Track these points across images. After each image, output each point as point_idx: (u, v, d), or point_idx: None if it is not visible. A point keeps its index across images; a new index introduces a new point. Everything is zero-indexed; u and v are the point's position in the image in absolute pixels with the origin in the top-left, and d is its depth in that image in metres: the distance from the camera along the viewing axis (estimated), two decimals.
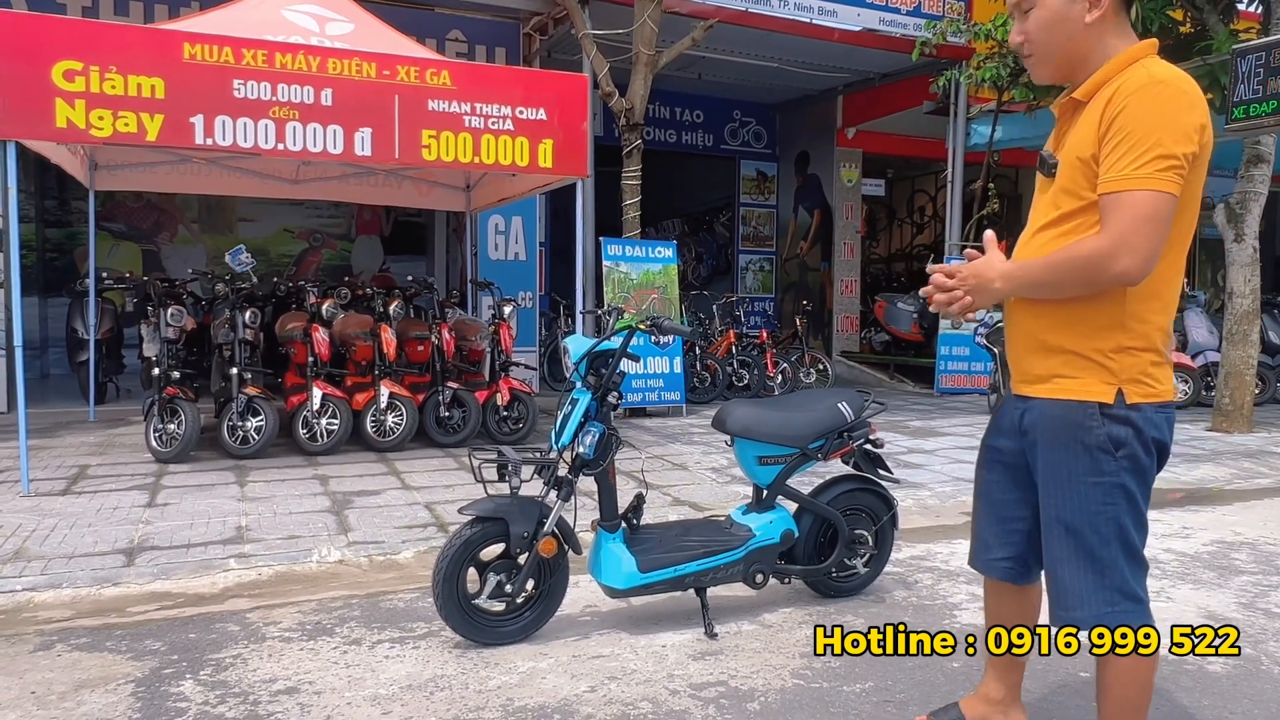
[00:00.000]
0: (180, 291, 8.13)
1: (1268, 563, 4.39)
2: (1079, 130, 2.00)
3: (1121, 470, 2.01)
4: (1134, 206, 1.84)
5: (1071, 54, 2.04)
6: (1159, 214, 1.85)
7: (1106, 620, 2.05)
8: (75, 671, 3.04)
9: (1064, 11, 2.00)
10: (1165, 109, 1.85)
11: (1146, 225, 1.84)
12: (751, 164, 15.10)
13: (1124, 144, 1.86)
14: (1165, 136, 1.84)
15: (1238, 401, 8.31)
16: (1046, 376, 2.10)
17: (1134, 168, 1.84)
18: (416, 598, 3.77)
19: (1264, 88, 7.18)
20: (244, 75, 5.55)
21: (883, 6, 11.51)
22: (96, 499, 5.25)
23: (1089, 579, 2.05)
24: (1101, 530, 2.03)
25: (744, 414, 3.51)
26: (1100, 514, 2.03)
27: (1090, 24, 1.99)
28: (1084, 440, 2.02)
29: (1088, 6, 1.98)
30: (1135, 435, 2.00)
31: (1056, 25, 2.02)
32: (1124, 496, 2.03)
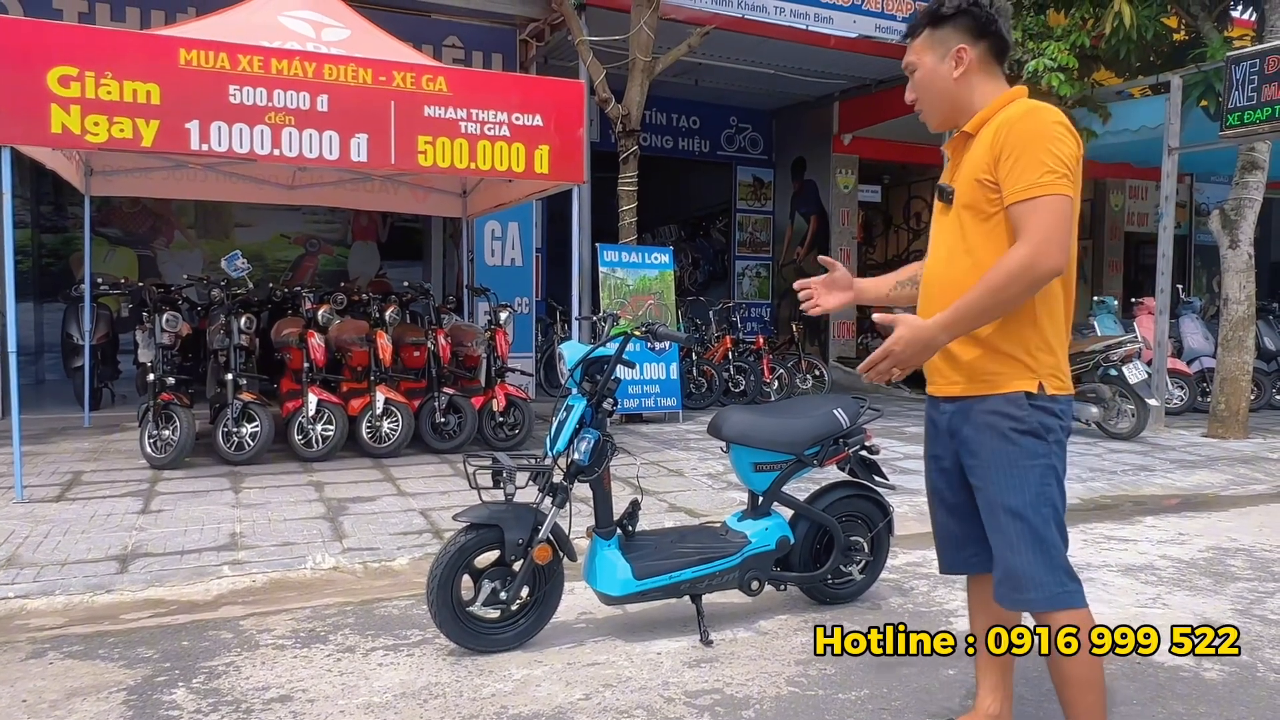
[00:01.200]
0: (176, 297, 8.12)
1: (1264, 569, 4.39)
2: (972, 157, 2.28)
3: (1050, 452, 2.24)
4: (1047, 210, 2.10)
5: (949, 104, 2.37)
6: (1067, 213, 2.12)
7: (1059, 601, 2.22)
8: (67, 679, 3.03)
9: (935, 69, 2.35)
10: (1047, 130, 2.15)
11: (1063, 223, 2.11)
12: (748, 170, 15.11)
13: (1021, 160, 2.14)
14: (1053, 149, 2.13)
15: (1233, 407, 8.32)
16: (970, 376, 2.30)
17: (1037, 177, 2.11)
18: (411, 605, 3.76)
19: (1258, 95, 7.20)
20: (240, 81, 5.55)
21: (879, 13, 11.52)
22: (90, 505, 5.23)
23: (1039, 561, 2.22)
24: (1042, 511, 2.23)
25: (740, 420, 3.51)
26: (1040, 496, 2.23)
27: (958, 79, 2.32)
28: (1017, 428, 2.23)
29: (954, 65, 2.32)
30: (1058, 422, 2.25)
31: (932, 81, 2.36)
32: (1055, 477, 2.25)
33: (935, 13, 2.34)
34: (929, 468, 2.55)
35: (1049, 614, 2.24)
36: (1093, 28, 9.38)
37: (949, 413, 2.37)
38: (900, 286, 2.76)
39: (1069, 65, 9.04)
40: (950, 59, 2.32)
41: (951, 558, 2.54)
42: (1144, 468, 6.92)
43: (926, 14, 2.36)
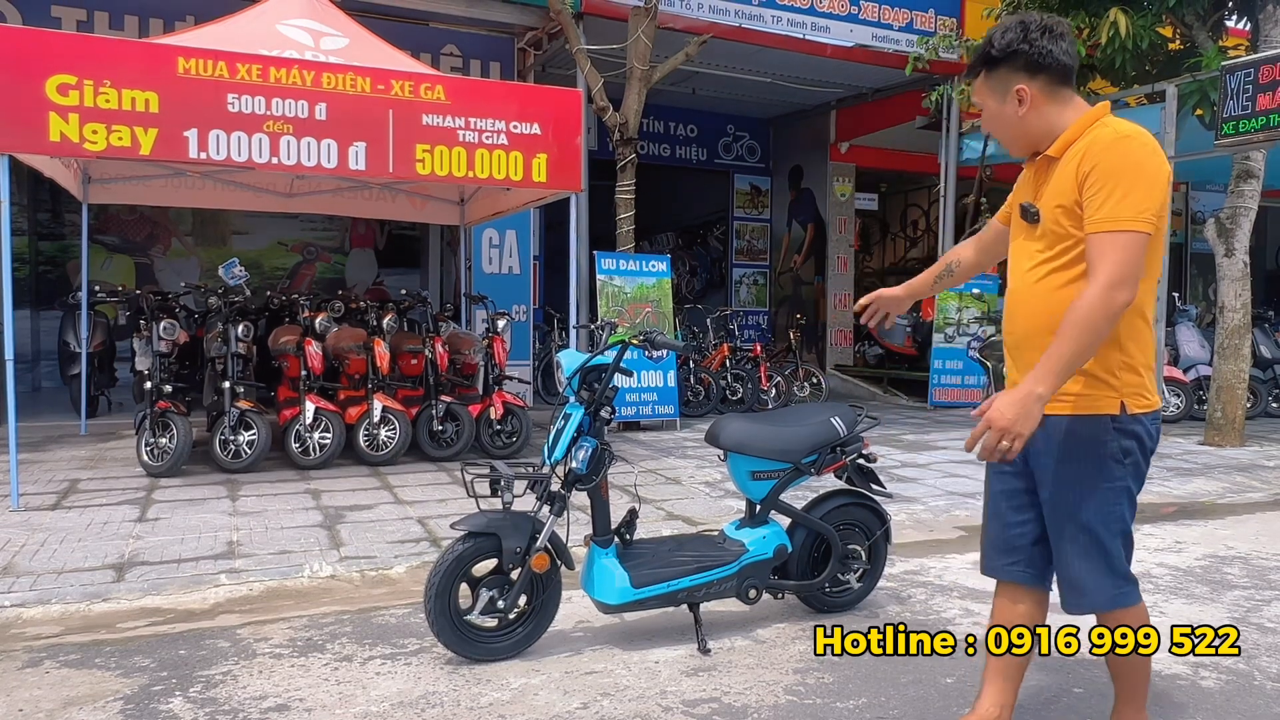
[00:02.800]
0: (173, 305, 8.10)
1: (1260, 577, 4.40)
2: (1057, 182, 2.29)
3: (1128, 475, 2.31)
4: (1124, 247, 2.13)
5: (1024, 137, 2.38)
6: (1142, 251, 2.16)
7: (1116, 603, 2.36)
8: (64, 689, 3.02)
9: (1000, 111, 2.37)
10: (1138, 162, 2.16)
11: (1137, 260, 2.15)
12: (745, 178, 15.15)
13: (1106, 190, 2.16)
14: (1144, 184, 2.15)
15: (1229, 415, 8.34)
16: (1059, 395, 2.26)
17: (1121, 212, 2.14)
18: (408, 613, 3.75)
19: (1253, 104, 7.23)
20: (238, 89, 5.56)
21: (875, 23, 11.58)
22: (87, 513, 5.22)
23: (1100, 569, 2.34)
24: (1110, 527, 2.32)
25: (737, 429, 3.51)
26: (1109, 513, 2.31)
27: (1024, 116, 2.32)
28: (1099, 451, 2.28)
29: (1016, 104, 2.32)
30: (1138, 445, 2.30)
31: (999, 121, 2.39)
32: (1127, 497, 2.33)
33: (987, 55, 2.33)
34: (991, 472, 2.58)
35: (1108, 613, 2.38)
36: (1088, 37, 9.42)
37: None
38: (939, 280, 2.88)
39: None
40: (1012, 99, 2.32)
41: (993, 562, 2.57)
42: None
43: (979, 58, 2.36)
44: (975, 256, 2.82)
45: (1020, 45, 2.27)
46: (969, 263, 2.83)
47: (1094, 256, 2.17)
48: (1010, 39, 2.28)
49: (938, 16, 12.03)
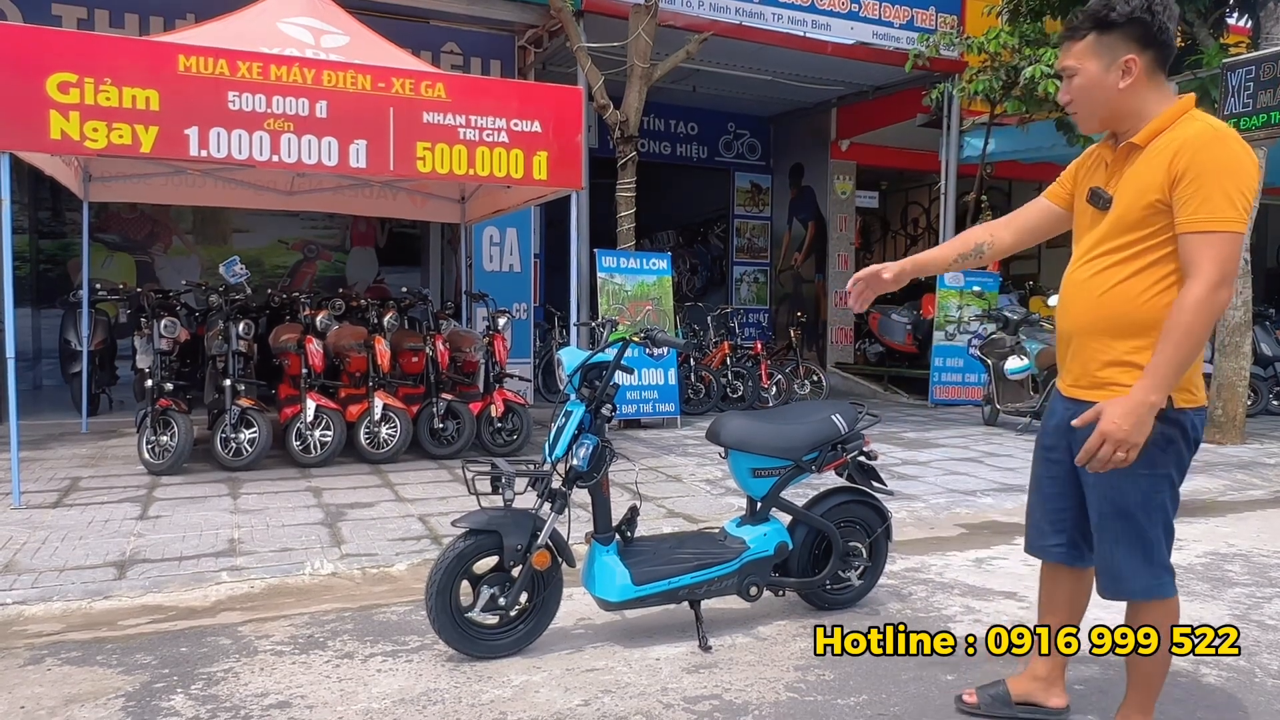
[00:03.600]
0: (174, 303, 8.11)
1: (1261, 574, 4.40)
2: (1142, 173, 2.26)
3: (1169, 463, 2.34)
4: (1225, 247, 2.14)
5: (1112, 112, 2.33)
6: (1238, 251, 2.19)
7: (1152, 593, 2.40)
8: (65, 686, 3.02)
9: (1101, 79, 2.28)
10: (1235, 161, 2.16)
11: (1233, 260, 2.16)
12: (746, 176, 15.15)
13: (1204, 189, 2.14)
14: (1240, 184, 2.15)
15: (1230, 413, 8.33)
16: (1105, 383, 2.34)
17: (1220, 212, 2.14)
18: (409, 611, 3.76)
19: (1254, 101, 7.24)
20: (239, 87, 5.56)
21: (876, 20, 11.57)
22: (88, 511, 5.22)
23: (1139, 557, 2.38)
24: (1152, 515, 2.36)
25: (738, 426, 3.51)
26: (1151, 500, 2.35)
27: (1124, 89, 2.27)
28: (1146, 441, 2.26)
29: (1121, 74, 2.26)
30: (1182, 435, 2.33)
31: (1095, 89, 2.30)
32: (1169, 485, 2.36)
33: (1103, 18, 2.25)
34: (1038, 457, 2.64)
35: (1144, 603, 2.42)
36: None
37: (1075, 412, 2.38)
38: (961, 259, 2.76)
39: None
40: (1117, 69, 2.26)
41: (1037, 543, 2.67)
42: None
43: (1092, 18, 2.28)
44: (1012, 238, 2.72)
45: (1143, 14, 2.22)
46: (1003, 244, 2.72)
47: (1193, 256, 2.16)
48: (1136, 5, 2.22)
49: (938, 14, 12.02)
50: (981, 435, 8.67)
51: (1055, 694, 2.76)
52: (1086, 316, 2.36)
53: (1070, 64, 2.34)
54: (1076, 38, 2.32)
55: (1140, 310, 2.28)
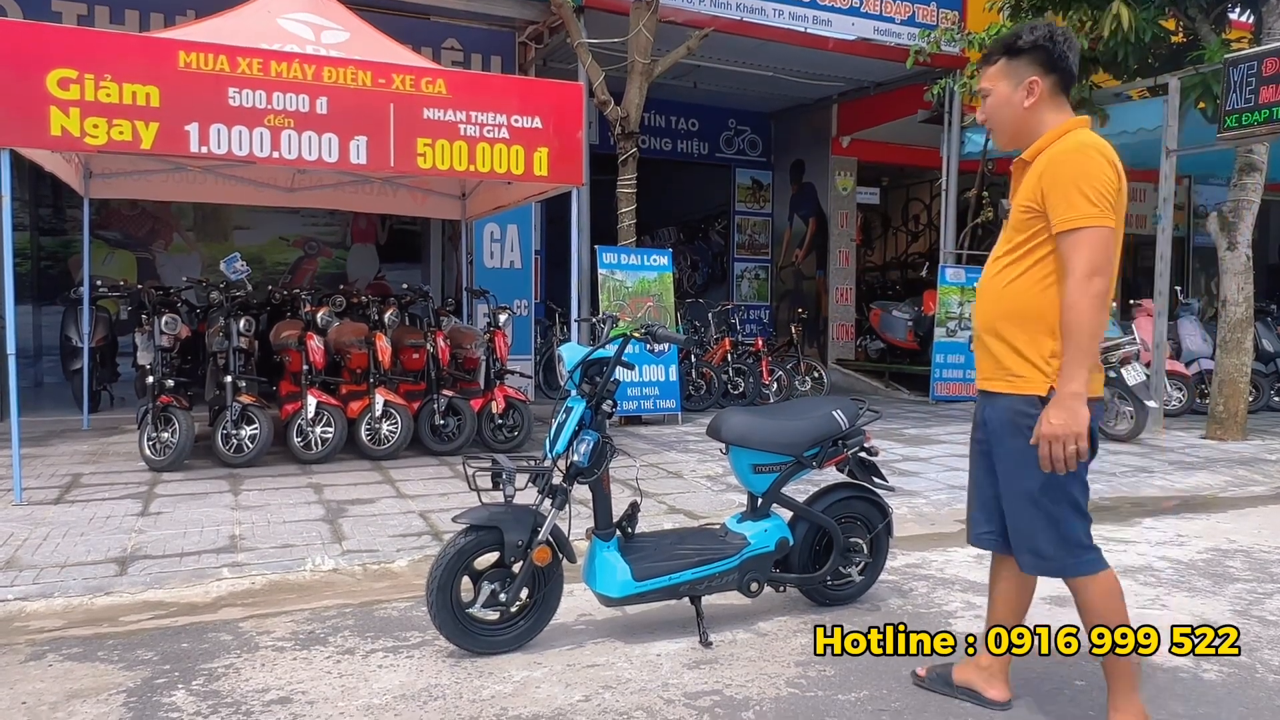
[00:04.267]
0: (175, 299, 8.10)
1: (1262, 570, 4.40)
2: (1024, 184, 2.57)
3: None
4: (1089, 242, 2.39)
5: (1018, 128, 2.62)
6: (1107, 242, 2.42)
7: (1074, 570, 2.55)
8: (67, 681, 3.03)
9: (1009, 97, 2.61)
10: (1088, 164, 2.42)
11: (1101, 251, 2.40)
12: (747, 172, 15.12)
13: (1065, 194, 2.41)
14: (1093, 183, 2.40)
15: (1231, 409, 8.33)
16: (1000, 374, 2.61)
17: (1079, 211, 2.40)
18: (410, 607, 3.76)
19: (1255, 97, 7.22)
20: (239, 83, 5.55)
21: (877, 16, 11.55)
22: (89, 508, 5.23)
23: (1054, 537, 2.55)
24: (1054, 496, 2.52)
25: (739, 422, 3.51)
26: (1051, 483, 2.51)
27: (1029, 108, 2.58)
28: (1029, 425, 2.49)
29: (1026, 94, 2.57)
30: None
31: (1005, 107, 2.62)
32: (1074, 473, 2.48)
33: (1012, 45, 2.59)
34: (970, 450, 2.86)
35: (1069, 580, 2.57)
36: (1091, 30, 9.40)
37: (983, 405, 2.70)
38: None
39: None
40: (1023, 89, 2.57)
41: (971, 531, 2.85)
42: (1143, 469, 6.93)
43: (1003, 45, 2.62)
44: None
45: (1045, 43, 2.53)
46: None
47: (1067, 254, 2.42)
48: (1039, 35, 2.55)
49: (939, 10, 12.00)
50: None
51: (995, 686, 2.84)
52: (988, 314, 2.63)
53: (985, 85, 2.66)
54: (991, 62, 2.64)
55: (1028, 304, 2.53)
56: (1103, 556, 2.59)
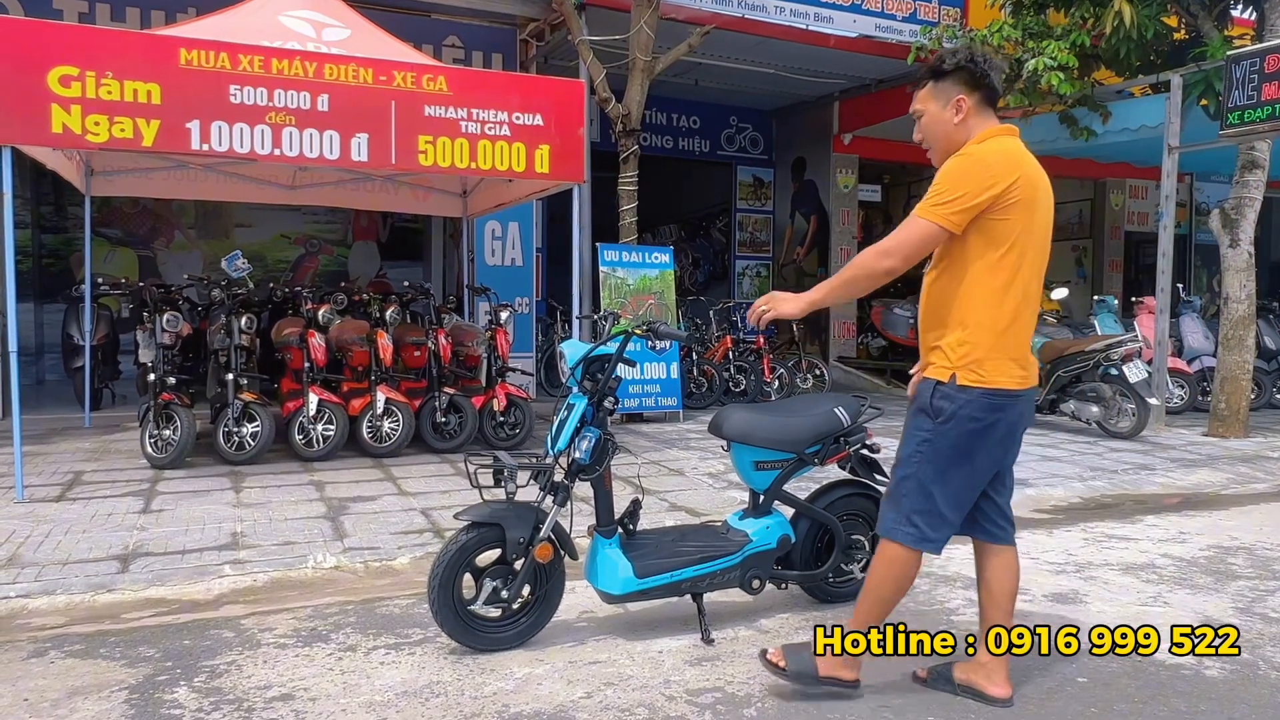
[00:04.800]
0: (176, 297, 8.11)
1: (1264, 567, 4.39)
2: None
3: (936, 432, 2.70)
4: (908, 228, 2.65)
5: (950, 144, 2.77)
6: (924, 236, 2.64)
7: (890, 533, 2.78)
8: (69, 678, 3.03)
9: (939, 116, 2.78)
10: (958, 168, 2.63)
11: (914, 240, 2.64)
12: (748, 170, 15.10)
13: (930, 194, 2.64)
14: (950, 179, 2.61)
15: (1233, 406, 8.32)
16: (925, 363, 2.82)
17: (923, 203, 2.64)
18: (412, 604, 3.76)
19: (1258, 93, 7.20)
20: (240, 81, 5.55)
21: (879, 13, 11.52)
22: (91, 505, 5.23)
23: (890, 500, 2.81)
24: (906, 467, 2.77)
25: (741, 419, 3.51)
26: (911, 456, 2.76)
27: (958, 124, 2.75)
28: (919, 404, 2.76)
29: (954, 113, 2.75)
30: (954, 411, 2.67)
31: (937, 125, 2.80)
32: (931, 451, 2.72)
33: (937, 68, 2.77)
34: None
35: (882, 540, 2.82)
36: (1093, 27, 9.38)
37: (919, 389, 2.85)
38: None
39: (1069, 64, 9.04)
40: (951, 107, 2.75)
41: None
42: (1145, 467, 6.93)
43: (929, 70, 2.79)
44: None
45: (967, 64, 2.72)
46: None
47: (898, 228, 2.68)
48: (961, 57, 2.73)
49: (941, 6, 11.97)
50: None
51: (997, 683, 2.86)
52: (922, 315, 2.86)
53: (917, 107, 2.82)
54: (920, 85, 2.81)
55: (941, 308, 2.75)
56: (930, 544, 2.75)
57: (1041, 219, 2.70)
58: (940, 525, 2.74)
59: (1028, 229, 2.65)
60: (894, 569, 2.78)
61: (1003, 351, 2.66)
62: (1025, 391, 2.71)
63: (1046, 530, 5.11)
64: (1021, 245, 2.65)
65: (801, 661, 2.89)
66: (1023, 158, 2.68)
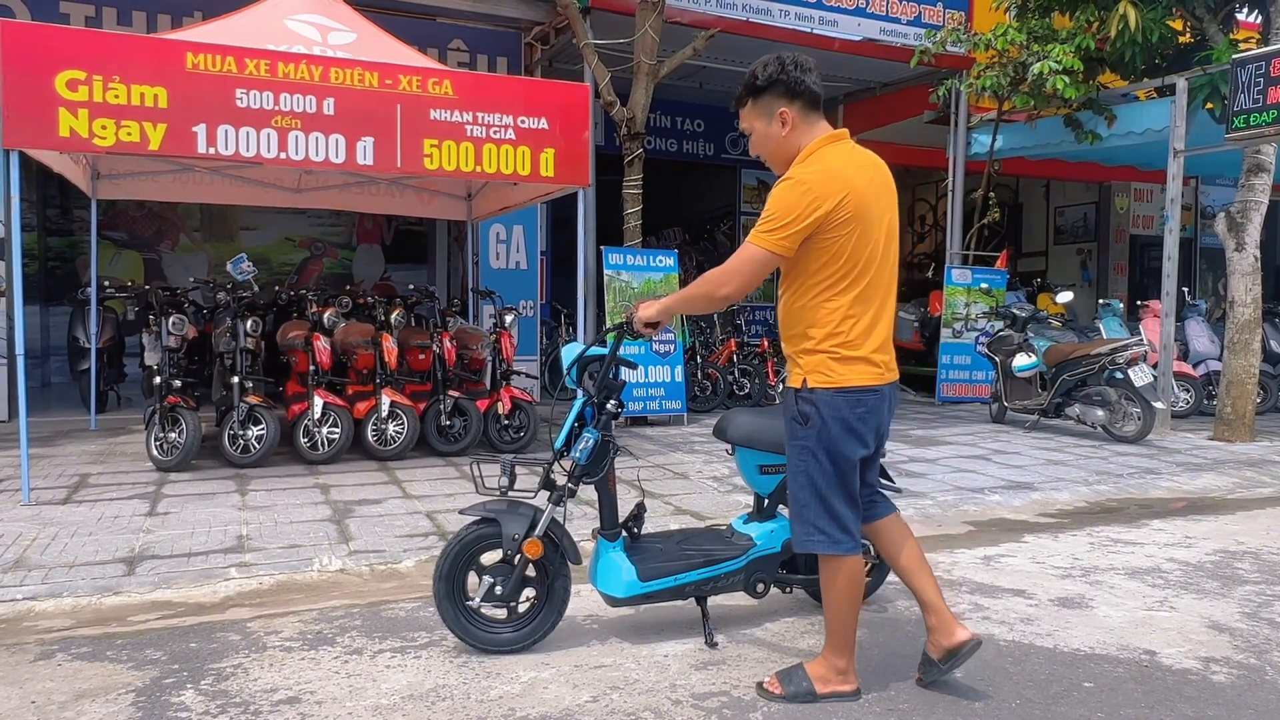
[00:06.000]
0: (182, 300, 8.14)
1: (1271, 572, 4.38)
2: None
3: (810, 437, 2.77)
4: (744, 253, 2.74)
5: (784, 155, 2.84)
6: (756, 261, 2.72)
7: (804, 546, 2.83)
8: (76, 681, 3.03)
9: (767, 131, 2.84)
10: (785, 193, 2.69)
11: (747, 266, 2.74)
12: (753, 173, 15.09)
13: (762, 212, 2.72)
14: (782, 210, 2.67)
15: (1239, 410, 8.30)
16: (788, 374, 2.91)
17: (755, 229, 2.72)
18: (418, 607, 3.76)
19: (1264, 97, 7.19)
20: (246, 85, 5.56)
21: (883, 16, 11.55)
22: (97, 508, 5.24)
23: (796, 515, 2.86)
24: (797, 479, 2.82)
25: (745, 423, 3.51)
26: (797, 468, 2.81)
27: (786, 135, 2.81)
28: (789, 414, 2.84)
29: (780, 125, 2.79)
30: (816, 412, 2.76)
31: (767, 140, 2.85)
32: (812, 457, 2.78)
33: (753, 85, 2.80)
34: None
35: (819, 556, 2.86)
36: (1098, 30, 9.38)
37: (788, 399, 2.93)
38: None
39: (1074, 68, 9.04)
40: (777, 121, 2.79)
41: None
42: (1150, 471, 6.91)
43: (746, 88, 2.82)
44: None
45: (780, 76, 2.75)
46: None
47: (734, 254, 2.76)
48: (771, 71, 2.76)
49: (946, 10, 11.99)
50: (989, 433, 8.65)
51: (956, 632, 2.91)
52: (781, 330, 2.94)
53: (745, 125, 2.87)
54: (742, 105, 2.85)
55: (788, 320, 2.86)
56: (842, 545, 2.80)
57: (877, 225, 2.77)
58: (845, 523, 2.81)
59: (863, 240, 2.72)
60: (834, 576, 2.82)
61: (853, 353, 2.75)
62: (882, 386, 2.80)
63: (1052, 534, 5.10)
64: (858, 256, 2.73)
65: (797, 684, 2.90)
66: (849, 170, 2.72)
